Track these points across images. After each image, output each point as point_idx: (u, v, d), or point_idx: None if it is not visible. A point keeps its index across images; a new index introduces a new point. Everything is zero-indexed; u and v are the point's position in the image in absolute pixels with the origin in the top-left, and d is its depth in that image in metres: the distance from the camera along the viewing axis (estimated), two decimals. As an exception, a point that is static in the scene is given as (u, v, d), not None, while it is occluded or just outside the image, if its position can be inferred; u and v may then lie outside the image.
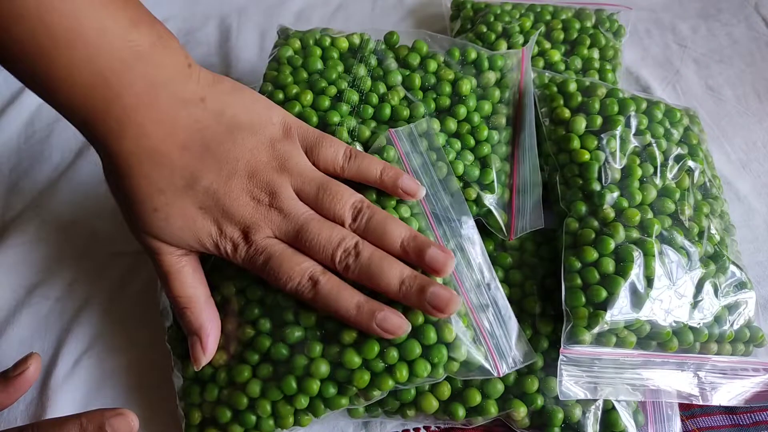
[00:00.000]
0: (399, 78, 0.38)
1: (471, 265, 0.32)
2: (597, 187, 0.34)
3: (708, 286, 0.32)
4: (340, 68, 0.38)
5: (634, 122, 0.36)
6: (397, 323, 0.28)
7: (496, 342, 0.31)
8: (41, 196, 0.44)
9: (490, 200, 0.35)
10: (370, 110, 0.36)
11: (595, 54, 0.45)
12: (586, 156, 0.35)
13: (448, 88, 0.37)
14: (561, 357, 0.30)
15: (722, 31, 0.54)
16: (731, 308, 0.33)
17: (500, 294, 0.32)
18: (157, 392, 0.36)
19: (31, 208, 0.43)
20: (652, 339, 0.31)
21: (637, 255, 0.31)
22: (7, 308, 0.39)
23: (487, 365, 0.30)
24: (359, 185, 0.33)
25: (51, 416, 0.35)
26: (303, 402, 0.29)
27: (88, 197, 0.44)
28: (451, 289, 0.29)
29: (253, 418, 0.30)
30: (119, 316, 0.39)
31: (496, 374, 0.30)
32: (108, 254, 0.41)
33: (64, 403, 0.35)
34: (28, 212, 0.43)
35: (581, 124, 0.36)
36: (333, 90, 0.36)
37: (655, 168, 0.35)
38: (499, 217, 0.35)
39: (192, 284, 0.31)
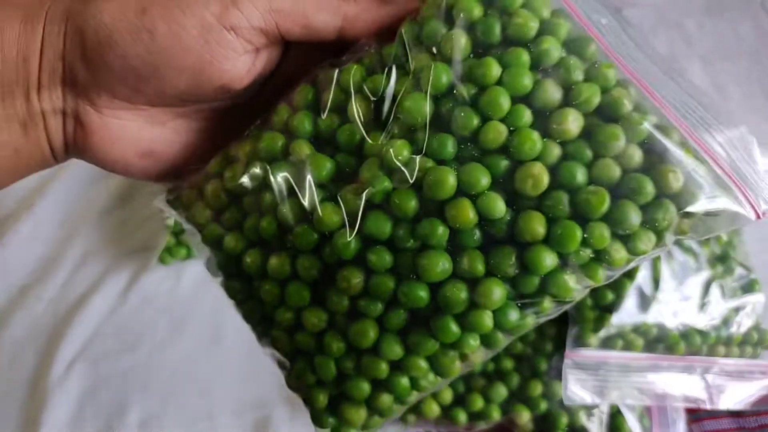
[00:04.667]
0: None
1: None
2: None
3: (715, 288, 0.32)
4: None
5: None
6: None
7: (743, 168, 0.19)
8: (35, 196, 0.43)
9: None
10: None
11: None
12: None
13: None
14: (566, 361, 0.30)
15: (728, 28, 0.53)
16: (739, 310, 0.33)
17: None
18: (155, 395, 0.35)
19: (24, 208, 0.43)
20: (659, 342, 0.31)
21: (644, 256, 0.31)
22: (1, 308, 0.39)
23: (742, 209, 0.19)
24: None
25: (46, 418, 0.34)
26: (472, 345, 0.20)
27: (82, 197, 0.44)
28: None
29: (406, 380, 0.20)
30: (115, 318, 0.38)
31: (754, 216, 0.19)
32: (103, 255, 0.41)
33: (59, 405, 0.35)
34: (22, 212, 0.43)
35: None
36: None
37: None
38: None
39: None
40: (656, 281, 0.31)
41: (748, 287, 0.33)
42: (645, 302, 0.30)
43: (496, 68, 0.19)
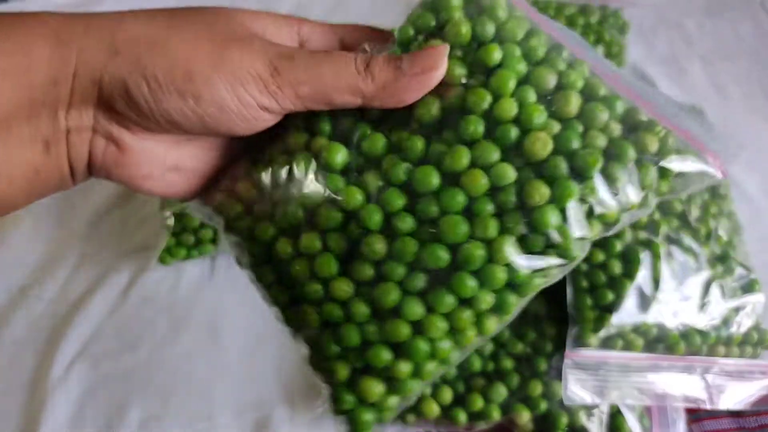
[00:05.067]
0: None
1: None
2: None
3: (715, 288, 0.32)
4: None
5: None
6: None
7: (697, 133, 0.23)
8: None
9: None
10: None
11: (600, 50, 0.44)
12: (592, 155, 0.34)
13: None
14: (566, 361, 0.30)
15: (728, 28, 0.53)
16: (739, 310, 0.33)
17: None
18: (155, 395, 0.35)
19: (24, 208, 0.43)
20: (659, 342, 0.31)
21: (644, 256, 0.31)
22: (1, 308, 0.39)
23: (708, 167, 0.23)
24: None
25: (46, 418, 0.34)
26: (487, 300, 0.21)
27: (82, 197, 0.44)
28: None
29: (424, 345, 0.22)
30: (115, 318, 0.38)
31: (719, 174, 0.23)
32: (103, 255, 0.41)
33: (59, 405, 0.35)
34: (22, 212, 0.43)
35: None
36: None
37: (662, 167, 0.34)
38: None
39: None
40: (656, 281, 0.31)
41: (748, 287, 0.33)
42: (645, 302, 0.30)
43: (498, 53, 0.22)
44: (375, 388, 0.22)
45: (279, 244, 0.23)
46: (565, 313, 0.31)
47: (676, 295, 0.31)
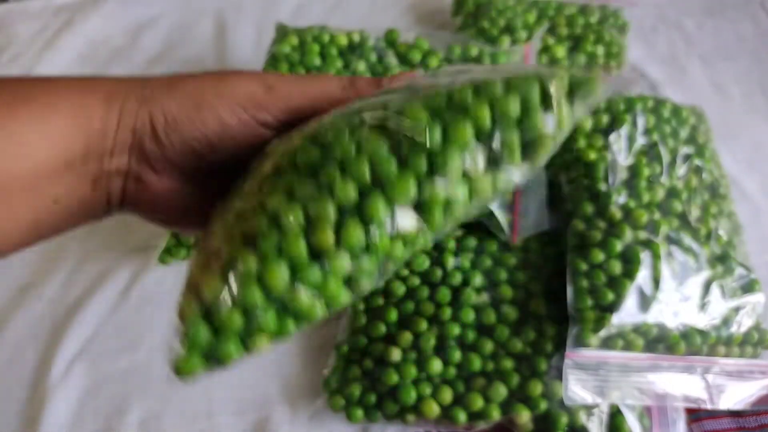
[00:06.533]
0: (400, 74, 0.37)
1: None
2: (603, 187, 0.33)
3: (715, 288, 0.32)
4: (339, 64, 0.37)
5: (641, 121, 0.35)
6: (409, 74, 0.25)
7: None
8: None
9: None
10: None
11: (600, 50, 0.44)
12: (593, 155, 0.34)
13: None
14: (566, 361, 0.30)
15: (728, 28, 0.53)
16: (739, 310, 0.33)
17: None
18: (155, 395, 0.35)
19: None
20: (660, 342, 0.31)
21: (645, 256, 0.31)
22: (1, 308, 0.39)
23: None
24: None
25: (46, 418, 0.34)
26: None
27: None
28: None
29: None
30: (115, 317, 0.38)
31: None
32: (103, 255, 0.41)
33: (59, 405, 0.35)
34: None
35: (587, 122, 0.35)
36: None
37: (663, 167, 0.34)
38: (502, 218, 0.35)
39: None
40: (656, 281, 0.31)
41: (748, 287, 0.33)
42: (645, 302, 0.30)
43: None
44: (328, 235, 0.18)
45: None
46: (565, 313, 0.31)
47: (676, 295, 0.31)
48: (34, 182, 0.22)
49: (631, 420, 0.31)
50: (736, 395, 0.32)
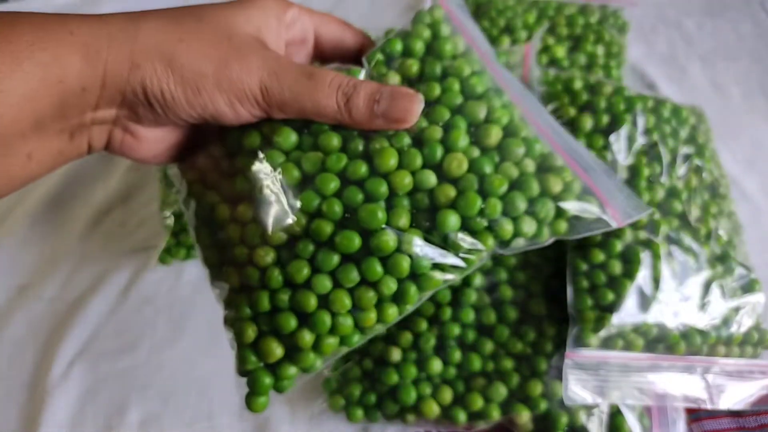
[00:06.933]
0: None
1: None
2: (603, 186, 0.33)
3: (715, 288, 0.32)
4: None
5: (641, 121, 0.35)
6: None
7: (606, 188, 0.27)
8: (34, 196, 0.43)
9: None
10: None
11: (600, 50, 0.44)
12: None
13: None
14: (566, 361, 0.30)
15: (728, 28, 0.53)
16: (739, 310, 0.32)
17: (574, 140, 0.29)
18: (155, 395, 0.35)
19: (24, 208, 0.43)
20: (660, 342, 0.31)
21: (645, 256, 0.31)
22: (1, 308, 0.39)
23: (605, 216, 0.26)
24: None
25: (46, 418, 0.34)
26: (390, 286, 0.24)
27: (82, 197, 0.43)
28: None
29: (327, 318, 0.24)
30: (115, 318, 0.38)
31: (616, 224, 0.26)
32: (103, 254, 0.41)
33: (59, 405, 0.35)
34: (21, 212, 0.43)
35: (587, 122, 0.35)
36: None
37: (663, 167, 0.34)
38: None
39: None
40: (656, 281, 0.31)
41: (748, 287, 0.33)
42: (645, 302, 0.30)
43: (438, 90, 0.27)
44: (276, 349, 0.24)
45: (219, 209, 0.26)
46: (565, 313, 0.31)
47: (676, 295, 0.31)
48: (4, 141, 0.21)
49: (631, 420, 0.31)
50: (736, 395, 0.32)
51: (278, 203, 0.25)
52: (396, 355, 0.32)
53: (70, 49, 0.21)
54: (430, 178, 0.25)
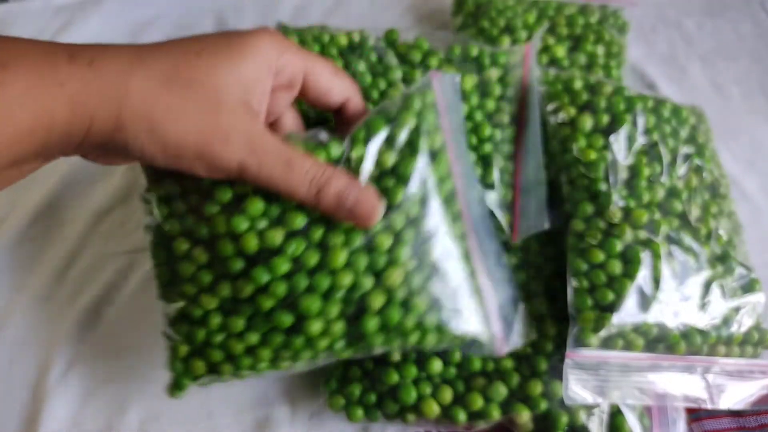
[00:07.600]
0: (400, 74, 0.37)
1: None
2: (603, 187, 0.33)
3: (716, 288, 0.32)
4: (339, 64, 0.37)
5: (641, 121, 0.35)
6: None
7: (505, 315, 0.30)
8: (33, 196, 0.43)
9: (492, 200, 0.35)
10: (371, 106, 0.36)
11: (600, 50, 0.44)
12: (593, 155, 0.34)
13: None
14: (567, 361, 0.30)
15: (728, 28, 0.53)
16: (739, 310, 0.32)
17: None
18: (155, 395, 0.35)
19: (23, 208, 0.43)
20: (660, 342, 0.31)
21: (645, 256, 0.31)
22: (1, 308, 0.39)
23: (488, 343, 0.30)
24: None
25: (46, 418, 0.34)
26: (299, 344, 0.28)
27: (81, 197, 0.43)
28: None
29: (249, 361, 0.28)
30: (114, 317, 0.38)
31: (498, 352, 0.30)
32: (102, 254, 0.41)
33: (58, 406, 0.35)
34: (21, 212, 0.43)
35: (587, 122, 0.35)
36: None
37: (663, 167, 0.34)
38: (502, 217, 0.35)
39: None
40: (656, 281, 0.31)
41: (749, 287, 0.33)
42: (645, 302, 0.30)
43: (402, 195, 0.28)
44: (201, 368, 0.28)
45: (178, 242, 0.28)
46: (565, 313, 0.31)
47: (676, 294, 0.31)
48: None
49: (632, 420, 0.31)
50: (737, 395, 0.32)
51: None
52: (396, 354, 0.32)
53: (61, 100, 0.23)
54: (368, 283, 0.27)
